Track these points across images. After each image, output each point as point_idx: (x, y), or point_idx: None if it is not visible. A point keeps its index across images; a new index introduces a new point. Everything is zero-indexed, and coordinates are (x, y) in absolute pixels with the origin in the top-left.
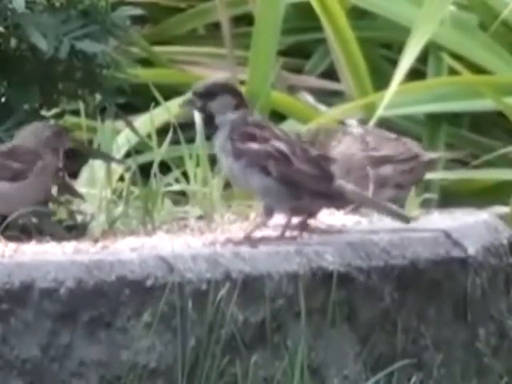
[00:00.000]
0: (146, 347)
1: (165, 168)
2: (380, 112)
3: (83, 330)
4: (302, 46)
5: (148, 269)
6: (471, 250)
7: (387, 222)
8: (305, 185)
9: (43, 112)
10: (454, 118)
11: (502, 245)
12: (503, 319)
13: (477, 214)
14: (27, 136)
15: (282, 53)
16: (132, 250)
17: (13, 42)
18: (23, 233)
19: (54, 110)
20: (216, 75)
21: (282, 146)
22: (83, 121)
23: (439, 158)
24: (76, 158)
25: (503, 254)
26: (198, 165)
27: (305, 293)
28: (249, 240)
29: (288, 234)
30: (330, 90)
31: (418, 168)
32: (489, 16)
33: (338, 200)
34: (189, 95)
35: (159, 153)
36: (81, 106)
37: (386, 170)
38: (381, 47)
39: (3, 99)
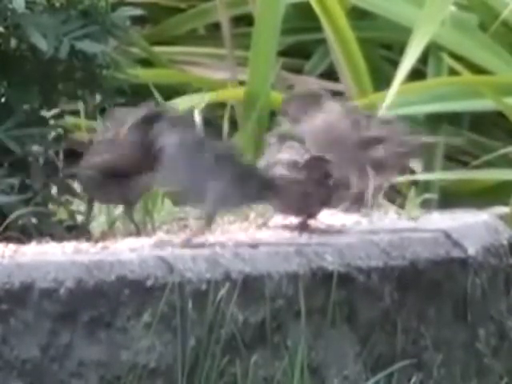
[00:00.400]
0: (145, 347)
1: None
2: (381, 113)
3: (83, 330)
4: (301, 47)
5: (148, 269)
6: (471, 251)
7: (387, 222)
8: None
9: (43, 112)
10: (454, 118)
11: (502, 245)
12: (503, 320)
13: (477, 215)
14: None
15: (282, 53)
16: (132, 251)
17: (13, 42)
18: (23, 233)
19: (54, 111)
20: (216, 75)
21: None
22: (83, 121)
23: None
24: (76, 158)
25: (503, 254)
26: None
27: (305, 293)
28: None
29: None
30: (329, 90)
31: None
32: (489, 16)
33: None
34: None
35: None
36: (80, 106)
37: (379, 152)
38: (381, 48)
39: (3, 99)
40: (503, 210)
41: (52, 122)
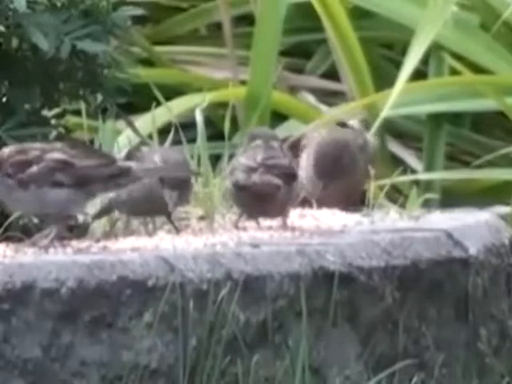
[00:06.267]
0: (147, 347)
1: None
2: (384, 113)
3: (84, 330)
4: (303, 46)
5: (149, 269)
6: (472, 250)
7: (388, 222)
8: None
9: (44, 112)
10: (455, 118)
11: (504, 245)
12: (504, 319)
13: (478, 214)
14: None
15: (284, 53)
16: (133, 250)
17: (14, 42)
18: (24, 233)
19: (55, 110)
20: (217, 75)
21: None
22: (84, 121)
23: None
24: None
25: (504, 253)
26: (199, 165)
27: (306, 293)
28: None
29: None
30: (331, 90)
31: None
32: (490, 16)
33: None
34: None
35: None
36: (82, 105)
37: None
38: (382, 47)
39: (4, 99)
40: (504, 209)
41: (53, 121)
